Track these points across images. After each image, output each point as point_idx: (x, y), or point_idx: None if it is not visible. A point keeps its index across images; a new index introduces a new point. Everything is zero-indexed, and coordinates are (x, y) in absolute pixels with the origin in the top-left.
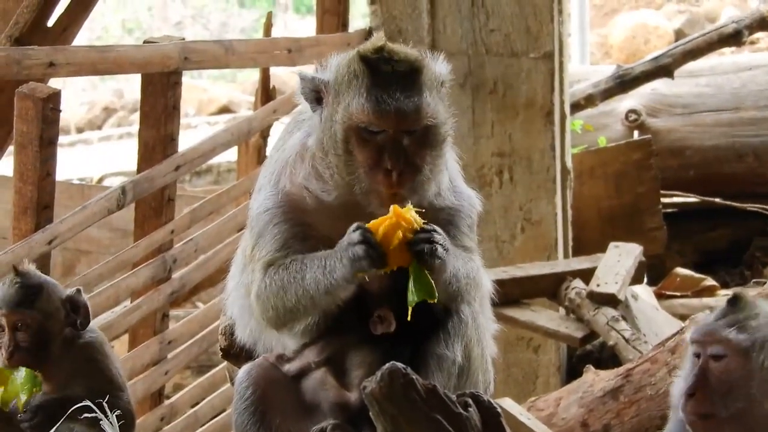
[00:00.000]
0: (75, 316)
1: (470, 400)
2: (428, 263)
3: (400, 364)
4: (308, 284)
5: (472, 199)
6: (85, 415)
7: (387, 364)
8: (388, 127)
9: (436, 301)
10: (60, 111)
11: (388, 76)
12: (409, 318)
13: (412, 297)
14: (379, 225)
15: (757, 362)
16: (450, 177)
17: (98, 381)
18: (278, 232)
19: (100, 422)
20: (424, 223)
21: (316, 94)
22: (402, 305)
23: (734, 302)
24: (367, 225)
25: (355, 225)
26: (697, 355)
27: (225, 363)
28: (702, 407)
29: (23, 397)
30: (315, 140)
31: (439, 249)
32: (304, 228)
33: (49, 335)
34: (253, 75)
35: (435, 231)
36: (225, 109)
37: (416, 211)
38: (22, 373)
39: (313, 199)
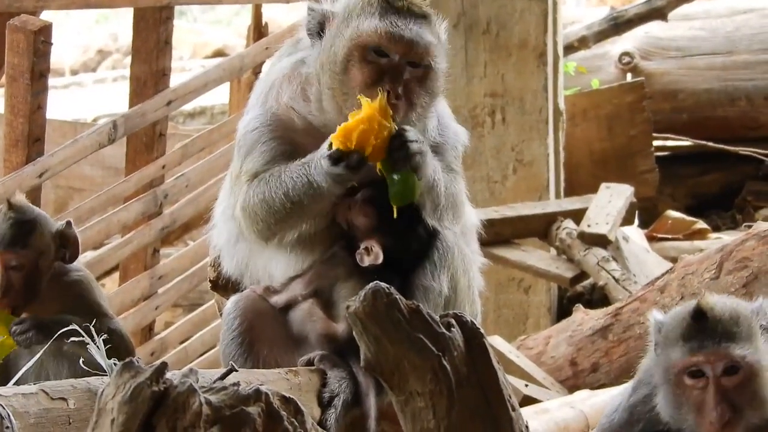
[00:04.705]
0: (64, 250)
1: (453, 321)
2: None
3: (383, 284)
4: (294, 194)
5: (458, 134)
6: (72, 339)
7: (371, 284)
8: (397, 52)
9: (415, 200)
10: (51, 44)
11: (402, 9)
12: (394, 215)
13: (395, 199)
14: (353, 130)
15: (763, 370)
16: (438, 116)
17: (87, 314)
18: (266, 149)
19: (88, 345)
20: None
21: (320, 26)
22: (388, 238)
23: (699, 316)
24: (340, 127)
25: (327, 148)
26: (694, 375)
27: (215, 299)
28: (737, 426)
29: None
30: (312, 64)
31: (414, 146)
32: (291, 146)
33: (41, 272)
34: (248, 19)
35: (406, 132)
36: (220, 53)
37: None
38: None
39: (301, 119)
